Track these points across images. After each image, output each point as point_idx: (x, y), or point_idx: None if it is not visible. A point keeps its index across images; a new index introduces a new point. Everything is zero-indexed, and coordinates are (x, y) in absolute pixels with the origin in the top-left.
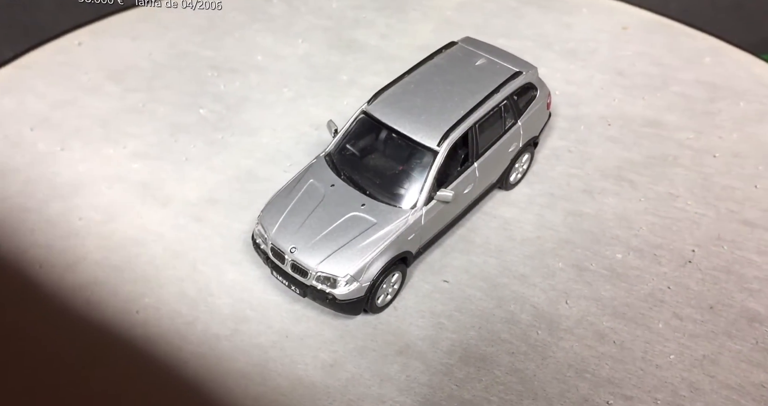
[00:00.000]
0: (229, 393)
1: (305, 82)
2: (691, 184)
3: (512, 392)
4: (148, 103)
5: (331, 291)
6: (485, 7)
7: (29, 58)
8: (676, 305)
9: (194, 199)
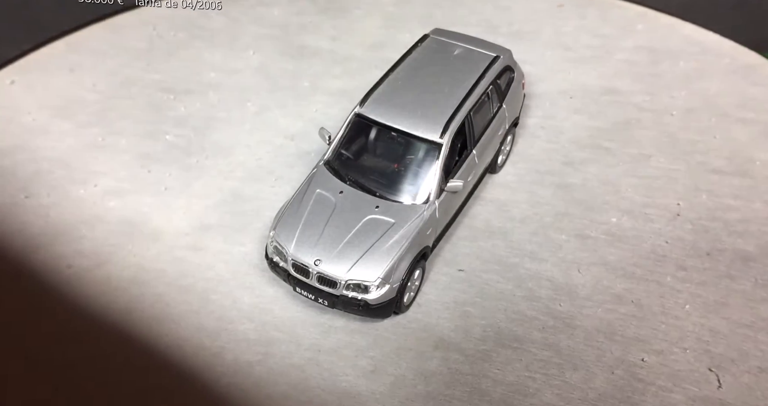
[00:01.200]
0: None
1: (267, 94)
2: (658, 143)
3: (552, 366)
4: (107, 136)
5: (363, 297)
6: (434, 5)
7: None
8: (677, 258)
9: (186, 228)
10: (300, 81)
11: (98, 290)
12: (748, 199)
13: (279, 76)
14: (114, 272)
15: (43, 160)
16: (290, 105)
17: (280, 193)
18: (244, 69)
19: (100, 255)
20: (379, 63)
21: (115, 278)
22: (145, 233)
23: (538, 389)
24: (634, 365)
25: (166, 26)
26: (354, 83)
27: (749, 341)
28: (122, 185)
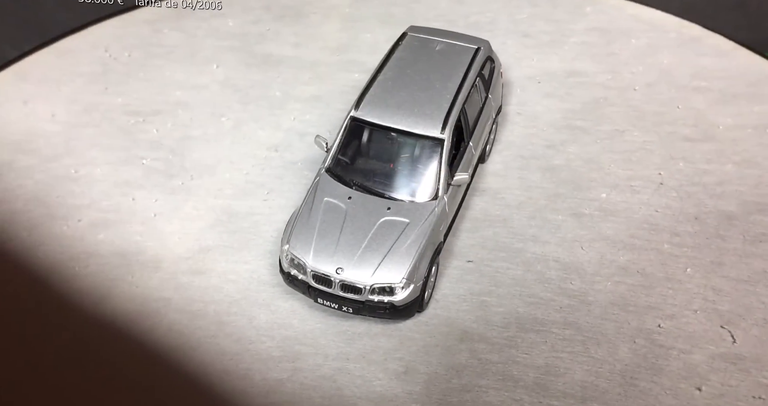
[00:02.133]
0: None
1: (240, 107)
2: (628, 117)
3: (576, 343)
4: (78, 167)
5: (389, 300)
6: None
7: None
8: (669, 225)
9: (185, 253)
10: (271, 91)
11: (105, 327)
12: (720, 163)
13: (248, 88)
14: (118, 306)
15: (15, 199)
16: (266, 116)
17: (275, 206)
18: (210, 84)
19: (100, 290)
20: (347, 66)
21: (120, 313)
22: (142, 262)
23: (568, 368)
24: (652, 332)
25: (117, 47)
26: (326, 88)
27: (750, 295)
28: (108, 216)
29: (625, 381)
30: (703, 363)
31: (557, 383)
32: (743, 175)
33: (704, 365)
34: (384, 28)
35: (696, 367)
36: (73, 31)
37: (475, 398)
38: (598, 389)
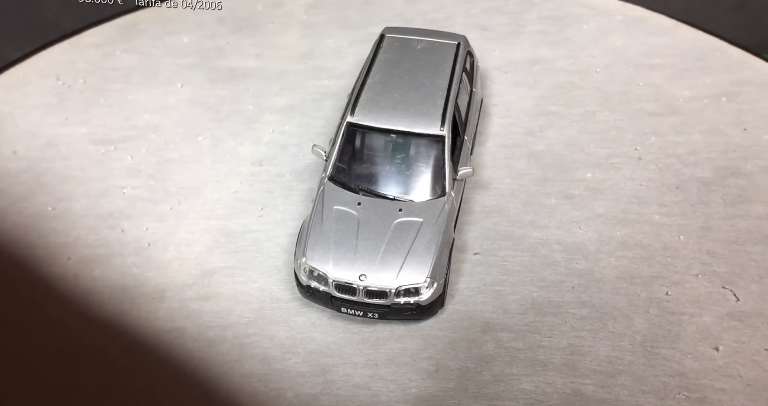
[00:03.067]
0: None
1: (214, 125)
2: (596, 99)
3: (593, 321)
4: (56, 204)
5: (415, 300)
6: (334, 3)
7: None
8: (654, 197)
9: (188, 279)
10: (242, 105)
11: (120, 369)
12: (688, 133)
13: (219, 104)
14: (130, 344)
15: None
16: (243, 131)
17: (271, 221)
18: (178, 103)
19: (106, 330)
20: (315, 73)
21: (133, 349)
22: (146, 294)
23: (591, 345)
24: (661, 301)
25: (69, 74)
26: (298, 97)
27: (742, 254)
28: (98, 251)
29: (647, 351)
30: (713, 324)
31: (584, 362)
32: (711, 143)
33: (715, 326)
34: (344, 32)
35: (708, 328)
36: (15, 61)
37: (510, 387)
38: (624, 362)
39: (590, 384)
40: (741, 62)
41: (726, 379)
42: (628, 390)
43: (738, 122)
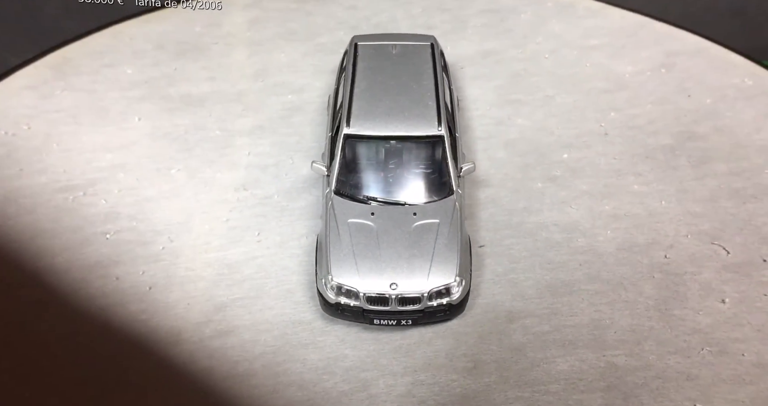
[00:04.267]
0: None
1: (184, 155)
2: (551, 83)
3: (607, 293)
4: (35, 263)
5: (448, 300)
6: (275, 17)
7: None
8: (629, 168)
9: (201, 318)
10: (208, 131)
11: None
12: (641, 106)
13: (184, 134)
14: (155, 399)
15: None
16: (217, 157)
17: (271, 245)
18: (139, 138)
19: (128, 387)
20: (275, 89)
21: (166, 400)
22: (161, 340)
23: (611, 317)
24: (662, 265)
25: (7, 122)
26: (264, 116)
27: (719, 210)
28: (97, 304)
29: (662, 314)
30: (713, 279)
31: (610, 334)
32: (663, 112)
33: (715, 280)
34: (293, 45)
35: (710, 284)
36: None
37: (548, 371)
38: (645, 328)
39: (620, 355)
40: (668, 35)
41: (738, 328)
42: (656, 355)
43: (681, 90)
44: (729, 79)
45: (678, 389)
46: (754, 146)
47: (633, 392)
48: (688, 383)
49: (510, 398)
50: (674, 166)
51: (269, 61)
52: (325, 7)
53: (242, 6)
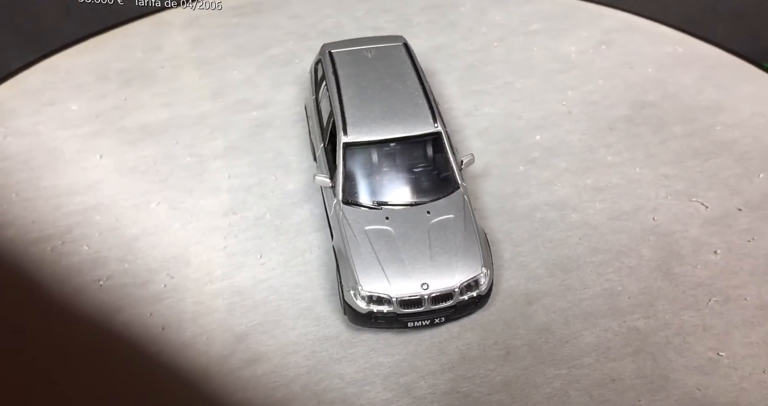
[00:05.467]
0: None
1: (160, 187)
2: (506, 70)
3: (611, 264)
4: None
5: (477, 292)
6: (218, 34)
7: None
8: (598, 141)
9: (224, 350)
10: (179, 159)
11: None
12: (592, 82)
13: (152, 165)
14: None
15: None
16: (195, 185)
17: (276, 265)
18: (106, 176)
19: None
20: (238, 107)
21: None
22: (187, 379)
23: (621, 284)
24: (653, 227)
25: None
26: (234, 136)
27: (687, 170)
28: (107, 355)
29: (665, 274)
30: (701, 234)
31: (624, 300)
32: (614, 85)
33: (703, 235)
34: (244, 60)
35: (699, 239)
36: None
37: (577, 345)
38: (654, 289)
39: (639, 318)
40: (599, 14)
41: (734, 276)
42: (670, 313)
43: (624, 63)
44: (662, 49)
45: (698, 341)
46: (700, 107)
47: (660, 352)
48: (706, 334)
49: (549, 378)
50: (637, 134)
51: (224, 80)
52: (268, 19)
53: (180, 26)
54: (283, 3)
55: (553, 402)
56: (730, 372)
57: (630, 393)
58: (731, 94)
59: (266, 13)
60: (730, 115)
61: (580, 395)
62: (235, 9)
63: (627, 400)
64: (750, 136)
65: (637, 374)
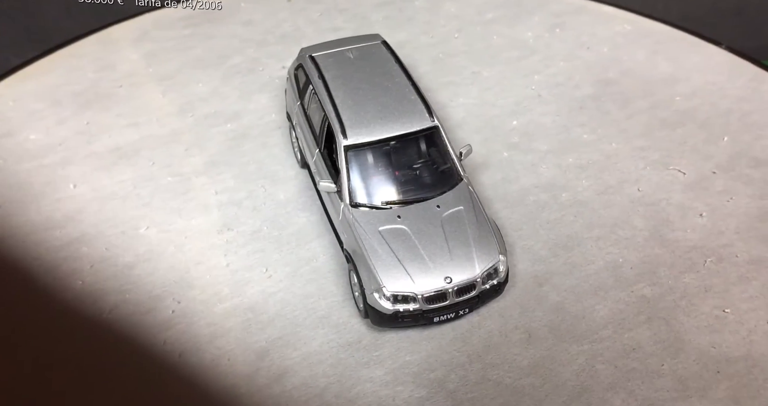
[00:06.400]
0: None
1: (146, 211)
2: (471, 60)
3: (607, 236)
4: None
5: (497, 280)
6: (172, 47)
7: None
8: (572, 121)
9: (247, 369)
10: (159, 180)
11: None
12: (554, 65)
13: (132, 189)
14: None
15: None
16: (182, 205)
17: (283, 277)
18: (85, 205)
19: None
20: (211, 121)
21: None
22: (215, 403)
23: (621, 256)
24: (640, 198)
25: None
26: (212, 150)
27: (659, 140)
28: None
29: (659, 242)
30: (684, 200)
31: (627, 271)
32: (575, 66)
33: (685, 200)
34: (206, 72)
35: (683, 204)
36: None
37: (593, 319)
38: (653, 257)
39: (644, 286)
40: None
41: (721, 235)
42: (671, 278)
43: (580, 44)
44: (612, 28)
45: (703, 302)
46: (658, 80)
47: (670, 316)
48: (708, 294)
49: (573, 355)
50: (606, 111)
51: (189, 94)
52: (221, 27)
53: (129, 42)
54: (233, 10)
55: (582, 377)
56: (738, 327)
57: (652, 359)
58: (682, 66)
59: (218, 21)
60: (686, 85)
61: (606, 367)
62: (184, 19)
63: (651, 366)
64: (707, 103)
65: (655, 340)
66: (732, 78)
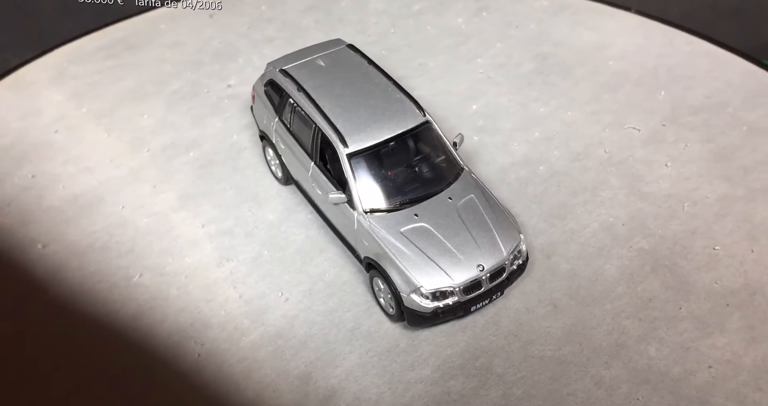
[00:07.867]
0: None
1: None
2: (414, 53)
3: (592, 199)
4: None
5: (522, 259)
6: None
7: None
8: (527, 98)
9: (295, 396)
10: (135, 222)
11: None
12: (492, 47)
13: (108, 239)
14: None
15: None
16: (170, 244)
17: (301, 297)
18: (61, 264)
19: None
20: (169, 153)
21: None
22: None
23: (611, 214)
24: (608, 159)
25: None
26: (181, 184)
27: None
28: None
29: (638, 196)
30: (646, 154)
31: (619, 228)
32: (511, 46)
33: (648, 154)
34: (146, 102)
35: (647, 158)
36: None
37: (605, 279)
38: (638, 211)
39: (640, 240)
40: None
41: (688, 181)
42: (660, 228)
43: (508, 24)
44: (532, 5)
45: (693, 244)
46: (586, 48)
47: (671, 262)
48: (695, 236)
49: (599, 316)
50: (552, 83)
51: (136, 129)
52: (147, 53)
53: (47, 82)
54: (153, 34)
55: (615, 336)
56: (730, 261)
57: (669, 306)
58: (603, 33)
59: (140, 47)
60: (612, 49)
61: (632, 322)
62: (101, 50)
63: (670, 312)
64: (636, 63)
65: (665, 287)
66: (648, 38)
